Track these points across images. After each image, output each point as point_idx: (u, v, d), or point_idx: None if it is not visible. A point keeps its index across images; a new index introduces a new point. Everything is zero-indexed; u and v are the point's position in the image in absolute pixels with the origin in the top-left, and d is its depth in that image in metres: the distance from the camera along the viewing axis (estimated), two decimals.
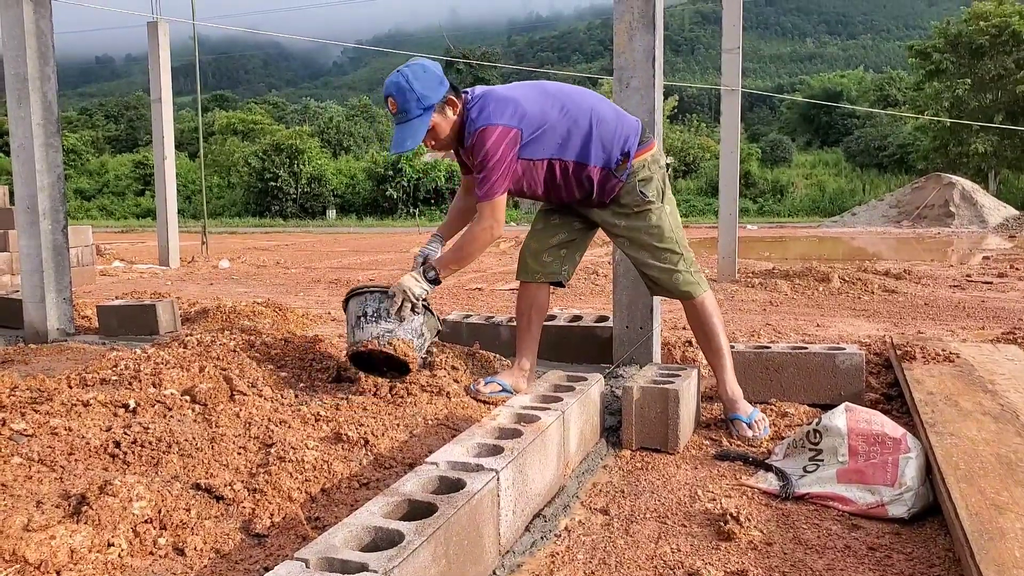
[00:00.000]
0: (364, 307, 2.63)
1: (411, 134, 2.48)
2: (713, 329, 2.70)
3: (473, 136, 2.49)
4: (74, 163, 41.30)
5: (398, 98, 2.47)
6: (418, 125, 2.48)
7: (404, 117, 2.48)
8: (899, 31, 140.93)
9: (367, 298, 2.64)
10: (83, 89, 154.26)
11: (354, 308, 2.66)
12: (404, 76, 2.47)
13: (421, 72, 2.48)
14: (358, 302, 2.66)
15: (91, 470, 1.89)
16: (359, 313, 2.63)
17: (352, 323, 2.65)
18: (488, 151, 2.46)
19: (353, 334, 2.63)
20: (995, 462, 1.97)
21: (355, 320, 2.63)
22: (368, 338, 2.57)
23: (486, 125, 2.47)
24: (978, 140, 28.44)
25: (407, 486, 1.57)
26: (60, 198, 4.36)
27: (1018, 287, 6.99)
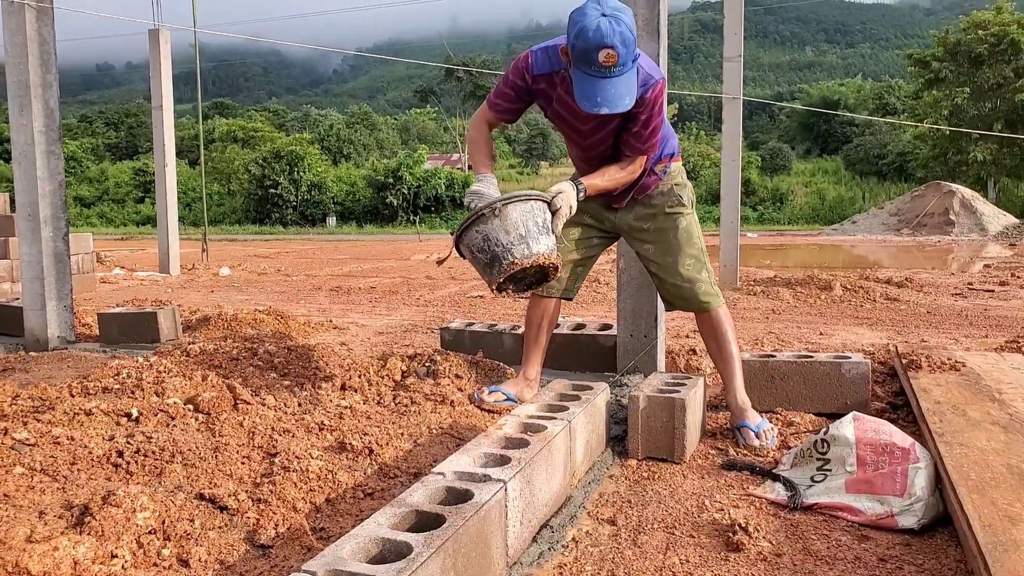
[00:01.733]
0: (535, 216, 2.31)
1: (627, 89, 2.22)
2: (726, 340, 2.69)
3: (653, 89, 2.34)
4: (74, 170, 41.38)
5: (621, 50, 2.16)
6: (632, 77, 2.23)
7: (620, 71, 2.20)
8: (898, 40, 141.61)
9: (534, 206, 2.31)
10: (84, 96, 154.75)
11: (521, 217, 2.28)
12: (627, 25, 2.17)
13: (631, 20, 2.20)
14: (525, 209, 2.29)
15: (94, 480, 1.87)
16: (530, 223, 2.28)
17: (522, 232, 2.26)
18: (659, 107, 2.38)
19: (527, 245, 2.26)
20: (1006, 472, 1.95)
21: (525, 230, 2.27)
22: (546, 250, 2.29)
23: (661, 79, 2.35)
24: (977, 148, 28.51)
25: (414, 497, 1.55)
26: (61, 205, 4.35)
27: (1020, 295, 6.98)
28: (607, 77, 2.20)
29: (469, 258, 2.36)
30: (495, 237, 2.25)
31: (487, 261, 2.29)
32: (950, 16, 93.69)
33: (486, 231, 2.27)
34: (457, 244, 2.38)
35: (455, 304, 6.83)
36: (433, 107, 55.41)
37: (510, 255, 2.25)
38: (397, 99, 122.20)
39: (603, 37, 2.15)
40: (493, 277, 2.30)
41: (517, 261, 2.25)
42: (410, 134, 55.29)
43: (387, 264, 12.48)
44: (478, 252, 2.30)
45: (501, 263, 2.26)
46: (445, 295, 7.57)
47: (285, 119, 58.73)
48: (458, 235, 2.35)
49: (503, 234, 2.25)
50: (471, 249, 2.33)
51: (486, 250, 2.28)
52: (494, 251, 2.26)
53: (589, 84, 2.23)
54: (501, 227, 2.25)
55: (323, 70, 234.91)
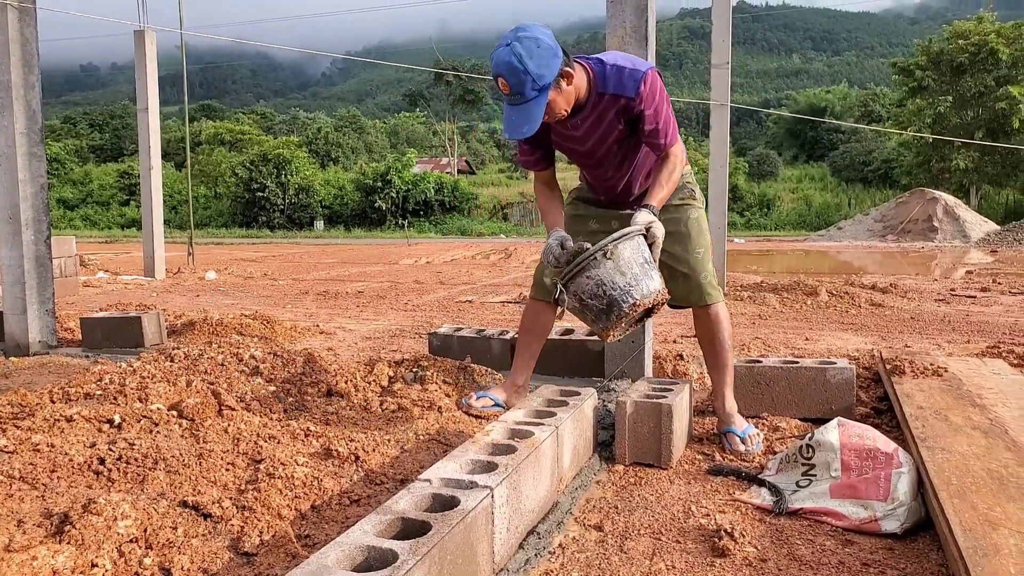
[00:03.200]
0: (643, 252, 2.22)
1: (527, 119, 2.24)
2: (722, 341, 2.69)
3: (644, 82, 2.31)
4: (57, 172, 41.05)
5: (510, 80, 2.20)
6: (534, 108, 2.24)
7: (519, 99, 2.23)
8: (883, 48, 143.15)
9: (640, 242, 2.22)
10: (67, 97, 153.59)
11: (634, 255, 2.20)
12: (516, 55, 2.18)
13: (535, 47, 2.19)
14: (633, 247, 2.20)
15: (74, 488, 1.85)
16: (641, 260, 2.20)
17: (636, 272, 2.18)
18: (660, 94, 2.35)
19: (644, 284, 2.18)
20: (987, 477, 1.97)
21: (639, 268, 2.18)
22: (660, 286, 2.23)
23: (649, 69, 2.33)
24: (959, 156, 28.85)
25: (400, 504, 1.55)
26: (43, 208, 4.31)
27: (1001, 301, 7.06)
28: (511, 104, 2.25)
29: (576, 306, 2.25)
30: (610, 280, 2.16)
31: (602, 307, 2.19)
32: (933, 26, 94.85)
33: (599, 275, 2.16)
34: (559, 294, 2.27)
35: (443, 309, 6.81)
36: (422, 111, 55.43)
37: (630, 297, 2.16)
38: (386, 103, 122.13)
39: (495, 66, 2.22)
40: (611, 323, 2.20)
41: (639, 302, 2.17)
42: (399, 138, 55.24)
43: (375, 268, 12.45)
44: (590, 299, 2.20)
45: (621, 307, 2.17)
46: (433, 300, 7.56)
47: (273, 122, 58.55)
48: (564, 283, 2.23)
49: (619, 276, 2.16)
50: (580, 296, 2.22)
51: (601, 295, 2.18)
52: (611, 295, 2.17)
53: (504, 109, 2.30)
54: (615, 269, 2.16)
55: (311, 73, 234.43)
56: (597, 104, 2.39)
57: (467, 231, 32.84)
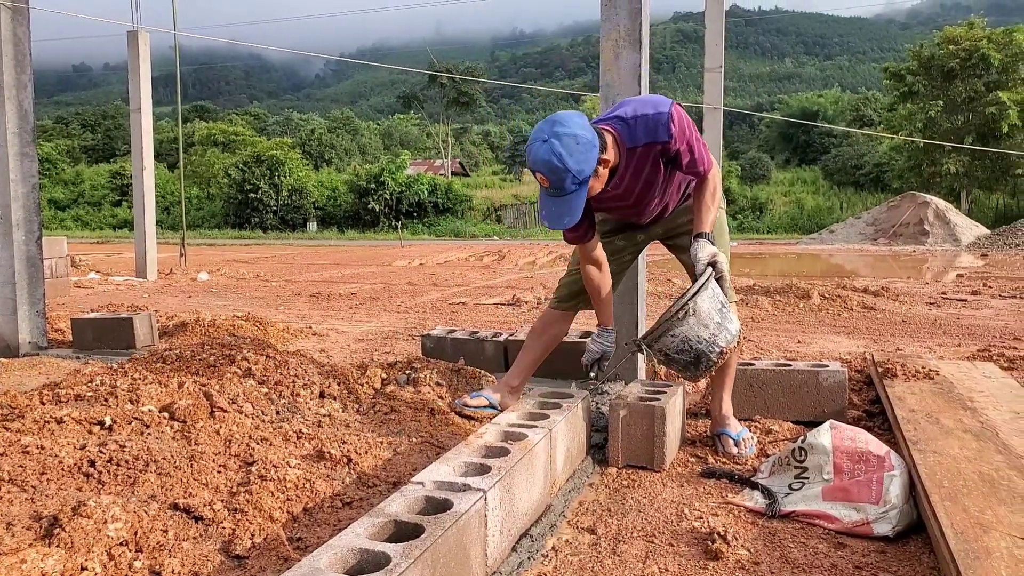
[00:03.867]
0: (719, 297, 2.28)
1: (567, 211, 2.25)
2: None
3: (672, 121, 2.31)
4: (49, 172, 40.85)
5: (550, 177, 2.21)
6: (575, 200, 2.25)
7: (559, 192, 2.24)
8: (874, 53, 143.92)
9: (713, 288, 2.28)
10: (59, 97, 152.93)
11: (712, 304, 2.26)
12: (556, 154, 2.17)
13: (573, 144, 2.18)
14: (710, 296, 2.26)
15: (64, 490, 1.84)
16: (719, 306, 2.26)
17: (717, 319, 2.25)
18: (688, 126, 2.36)
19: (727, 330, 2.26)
20: (978, 480, 1.98)
21: (719, 315, 2.25)
22: (740, 324, 2.30)
23: (670, 105, 2.33)
24: (950, 160, 29.00)
25: (393, 506, 1.54)
26: (34, 208, 4.28)
27: (991, 304, 7.09)
28: (549, 196, 2.27)
29: (662, 359, 2.32)
30: (695, 335, 2.22)
31: (690, 360, 2.26)
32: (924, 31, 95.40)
33: (684, 333, 2.22)
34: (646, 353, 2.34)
35: (436, 311, 6.81)
36: (416, 113, 55.39)
37: (716, 347, 2.23)
38: (380, 104, 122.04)
39: (533, 163, 2.22)
40: (700, 372, 2.28)
41: (725, 350, 2.24)
42: (393, 140, 55.19)
43: (368, 270, 12.42)
44: (677, 354, 2.26)
45: (709, 358, 2.24)
46: (426, 301, 7.55)
47: (266, 123, 58.43)
48: (649, 344, 2.30)
49: (702, 329, 2.22)
50: (666, 352, 2.28)
51: (687, 350, 2.24)
52: (697, 349, 2.23)
53: (541, 198, 2.31)
54: (698, 323, 2.22)
55: (305, 74, 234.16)
56: (630, 159, 2.39)
57: (461, 233, 32.83)
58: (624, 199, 2.49)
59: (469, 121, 57.60)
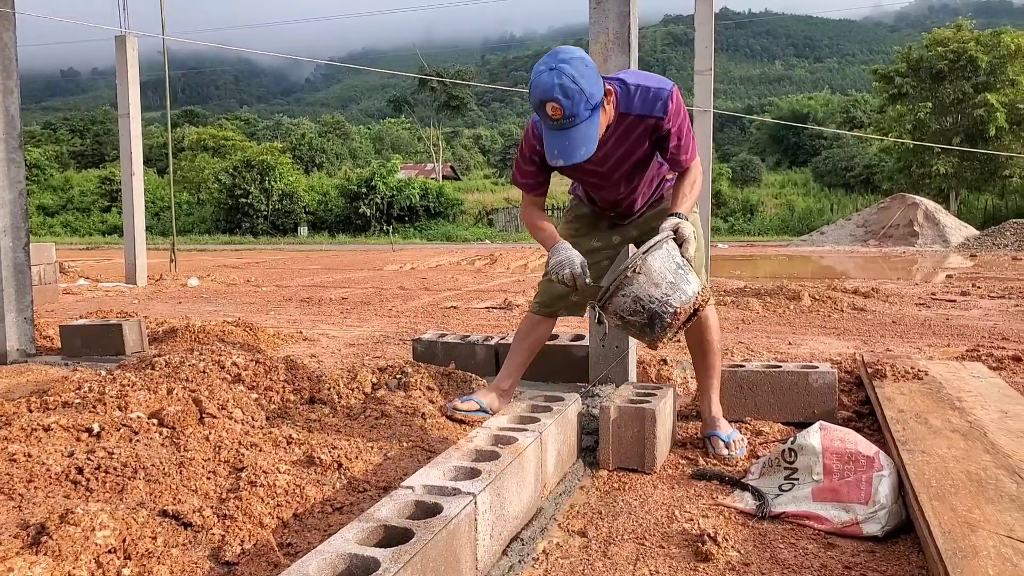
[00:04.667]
0: (675, 257, 2.20)
1: (583, 140, 2.21)
2: (710, 345, 2.69)
3: (671, 100, 2.30)
4: (37, 178, 40.64)
5: (564, 102, 2.14)
6: (590, 128, 2.21)
7: (571, 122, 2.18)
8: (864, 55, 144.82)
9: (669, 249, 2.20)
10: (48, 103, 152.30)
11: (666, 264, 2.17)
12: (568, 76, 2.13)
13: (583, 66, 2.16)
14: (663, 255, 2.18)
15: (52, 498, 1.83)
16: (673, 266, 2.18)
17: (671, 279, 2.16)
18: (683, 112, 2.35)
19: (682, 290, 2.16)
20: (966, 479, 1.99)
21: (674, 275, 2.16)
22: (699, 287, 2.20)
23: (672, 88, 2.31)
24: (939, 162, 29.21)
25: (382, 511, 1.54)
26: (22, 215, 4.26)
27: (980, 305, 7.14)
28: (561, 129, 2.21)
29: (618, 323, 2.24)
30: (647, 295, 2.15)
31: (644, 322, 2.18)
32: (913, 33, 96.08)
33: (635, 292, 2.15)
34: (598, 316, 2.26)
35: (428, 315, 6.80)
36: (407, 117, 55.39)
37: (669, 307, 2.14)
38: (370, 108, 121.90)
39: (544, 92, 2.16)
40: (656, 335, 2.19)
41: (679, 310, 2.15)
42: (383, 144, 55.16)
43: (359, 274, 12.40)
44: (630, 315, 2.19)
45: (662, 319, 2.16)
46: (418, 306, 7.54)
47: (256, 128, 58.35)
48: (602, 305, 2.23)
49: (654, 288, 2.15)
50: (620, 315, 2.21)
51: (640, 311, 2.17)
52: (650, 309, 2.15)
53: (548, 137, 2.26)
54: (648, 282, 2.14)
55: (295, 79, 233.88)
56: (619, 125, 2.37)
57: (452, 237, 32.84)
58: (601, 165, 2.47)
59: (460, 125, 57.68)
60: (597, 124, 2.24)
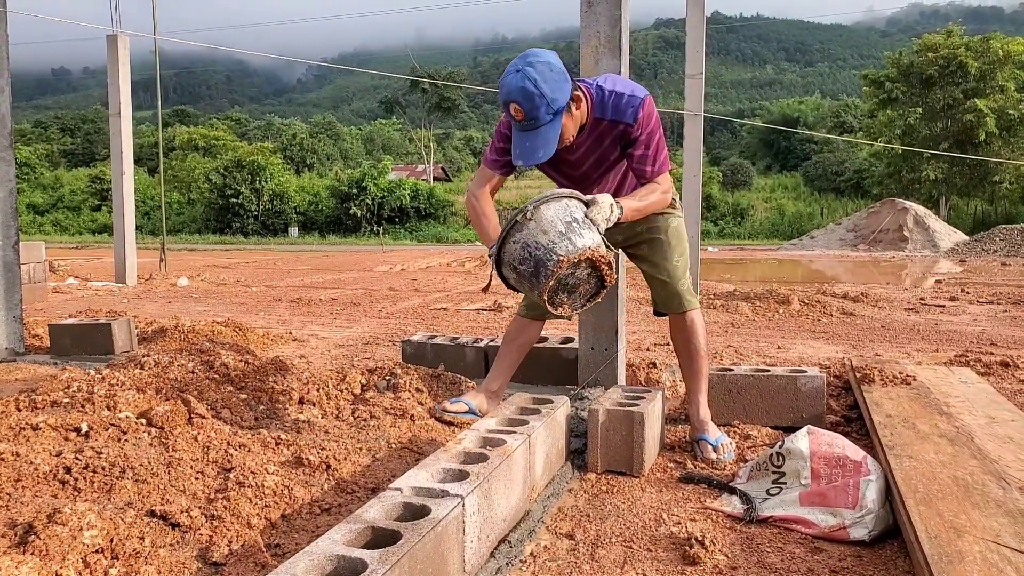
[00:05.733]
0: (571, 212, 2.15)
1: (543, 143, 2.25)
2: (698, 348, 2.71)
3: (642, 108, 2.34)
4: (27, 176, 40.41)
5: (525, 105, 2.19)
6: (549, 132, 2.25)
7: (532, 124, 2.23)
8: (854, 60, 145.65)
9: (568, 203, 2.16)
10: (38, 101, 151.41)
11: (558, 214, 2.13)
12: (531, 79, 2.18)
13: (547, 71, 2.20)
14: (559, 207, 2.14)
15: (39, 497, 1.82)
16: (568, 219, 2.13)
17: (561, 229, 2.11)
18: (655, 123, 2.36)
19: (570, 240, 2.10)
20: (952, 484, 2.00)
21: (564, 226, 2.11)
22: (592, 244, 2.12)
23: (647, 96, 2.35)
24: (929, 167, 29.39)
25: (370, 513, 1.54)
26: (11, 213, 4.24)
27: (969, 310, 7.19)
28: (523, 130, 2.26)
29: (513, 277, 2.21)
30: (534, 241, 2.11)
31: (532, 271, 2.13)
32: (904, 38, 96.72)
33: (523, 238, 2.13)
34: (499, 266, 2.22)
35: (418, 316, 6.79)
36: (398, 118, 55.31)
37: (554, 254, 2.08)
38: (362, 109, 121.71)
39: (507, 92, 2.21)
40: (542, 285, 2.11)
41: (563, 258, 2.08)
42: (375, 144, 55.09)
43: (349, 275, 12.37)
44: (520, 264, 2.15)
45: (546, 265, 2.09)
46: (407, 307, 7.54)
47: (247, 128, 58.15)
48: (498, 254, 2.21)
49: (541, 235, 2.11)
50: (513, 265, 2.18)
51: (528, 258, 2.13)
52: (536, 256, 2.11)
53: (514, 136, 2.30)
54: (538, 228, 2.11)
55: (287, 79, 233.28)
56: (594, 129, 2.41)
57: (443, 238, 32.81)
58: (575, 168, 2.51)
59: (451, 126, 57.66)
60: (558, 128, 2.27)
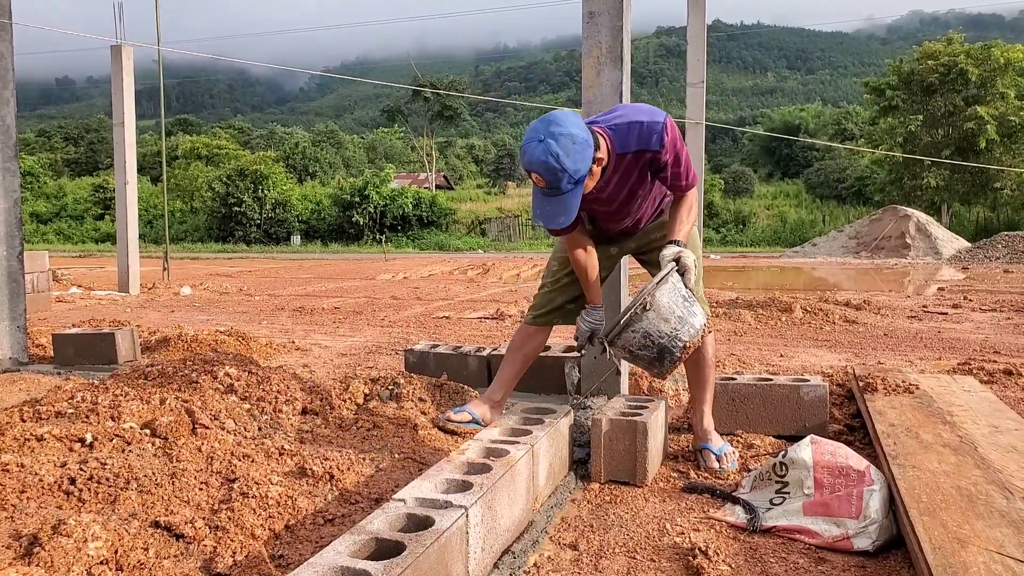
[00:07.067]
0: (680, 290, 2.27)
1: (563, 210, 2.27)
2: (706, 359, 2.70)
3: (665, 132, 2.35)
4: (31, 186, 40.50)
5: (547, 177, 2.22)
6: (571, 200, 2.27)
7: (554, 192, 2.26)
8: (855, 67, 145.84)
9: (674, 282, 2.27)
10: (42, 111, 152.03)
11: (673, 299, 2.24)
12: (553, 155, 2.18)
13: (570, 144, 2.19)
14: (670, 290, 2.25)
15: (44, 509, 1.82)
16: (679, 300, 2.25)
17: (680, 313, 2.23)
18: (678, 138, 2.38)
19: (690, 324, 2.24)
20: (956, 494, 2.00)
21: (682, 309, 2.24)
22: (705, 319, 2.29)
23: (665, 117, 2.37)
24: (930, 174, 29.38)
25: (374, 524, 1.54)
26: (16, 223, 4.25)
27: (972, 318, 7.18)
28: (545, 195, 2.29)
29: (627, 356, 2.32)
30: (656, 330, 2.21)
31: (654, 356, 2.25)
32: (904, 46, 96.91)
33: (644, 328, 2.22)
34: (610, 346, 2.32)
35: (420, 325, 6.80)
36: (400, 127, 55.43)
37: (679, 341, 2.22)
38: (364, 118, 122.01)
39: (529, 163, 2.23)
40: (665, 369, 2.27)
41: (689, 344, 2.22)
42: (377, 153, 55.19)
43: (352, 284, 12.39)
44: (640, 350, 2.26)
45: (672, 353, 2.23)
46: (410, 316, 7.54)
47: (250, 137, 58.30)
48: (610, 341, 2.29)
49: (663, 324, 2.21)
50: (630, 349, 2.27)
51: (650, 346, 2.23)
52: (659, 344, 2.22)
53: (535, 197, 2.35)
54: (658, 318, 2.21)
55: (289, 88, 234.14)
56: (619, 165, 2.42)
57: (445, 246, 32.82)
58: (607, 204, 2.53)
59: (453, 134, 57.79)
60: (579, 194, 2.30)
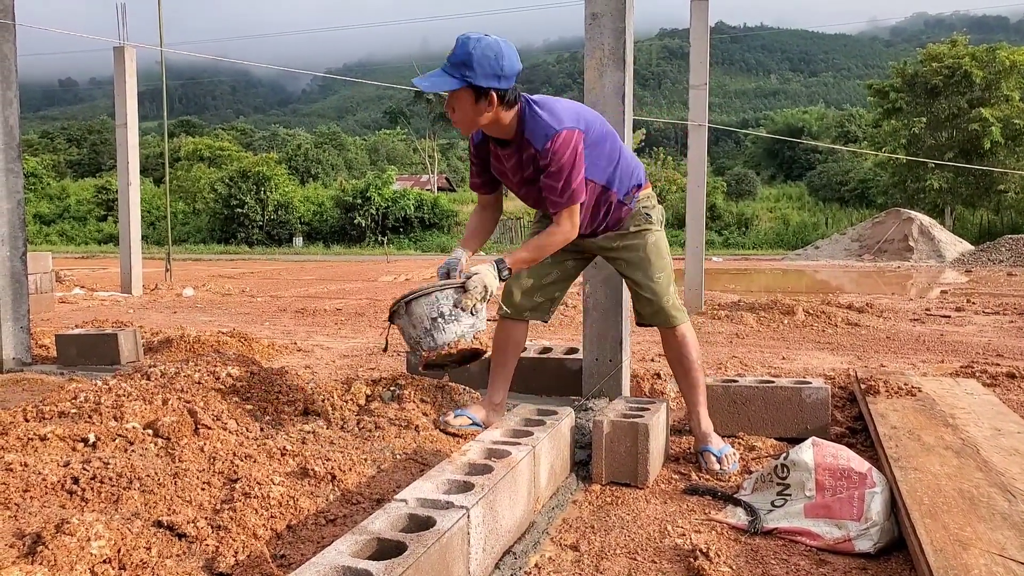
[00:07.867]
0: (439, 307, 2.44)
1: (436, 84, 2.38)
2: (691, 362, 2.71)
3: (554, 140, 2.38)
4: (34, 187, 40.60)
5: (456, 51, 2.35)
6: (447, 83, 2.36)
7: (446, 68, 2.37)
8: (859, 70, 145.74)
9: (438, 297, 2.45)
10: (45, 112, 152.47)
11: (425, 311, 2.45)
12: (473, 42, 2.33)
13: (486, 54, 2.32)
14: (428, 303, 2.45)
15: (47, 508, 1.83)
16: (434, 315, 2.44)
17: (427, 326, 2.44)
18: (568, 155, 2.39)
19: (432, 337, 2.44)
20: (958, 497, 2.00)
21: (430, 323, 2.44)
22: (454, 338, 2.44)
23: (564, 129, 2.39)
24: (933, 177, 29.34)
25: (376, 524, 1.54)
26: (20, 224, 4.27)
27: (974, 321, 7.17)
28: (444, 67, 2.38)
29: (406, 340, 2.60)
30: (408, 332, 2.51)
31: (412, 347, 2.56)
32: (908, 48, 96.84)
33: (401, 325, 2.53)
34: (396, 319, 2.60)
35: None
36: (402, 128, 55.50)
37: (420, 347, 2.49)
38: (366, 120, 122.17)
39: (460, 39, 2.37)
40: (419, 360, 2.54)
41: (424, 353, 2.48)
42: (379, 155, 55.27)
43: (354, 285, 12.40)
44: (405, 339, 2.56)
45: (419, 352, 2.50)
46: None
47: (253, 138, 58.44)
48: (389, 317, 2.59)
49: (412, 329, 2.48)
50: (402, 336, 2.59)
51: (407, 339, 2.54)
52: (410, 343, 2.53)
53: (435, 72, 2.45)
54: (409, 323, 2.48)
55: (292, 89, 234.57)
56: (520, 144, 2.47)
57: (447, 248, 32.84)
58: (507, 178, 2.61)
59: (455, 136, 57.77)
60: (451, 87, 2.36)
